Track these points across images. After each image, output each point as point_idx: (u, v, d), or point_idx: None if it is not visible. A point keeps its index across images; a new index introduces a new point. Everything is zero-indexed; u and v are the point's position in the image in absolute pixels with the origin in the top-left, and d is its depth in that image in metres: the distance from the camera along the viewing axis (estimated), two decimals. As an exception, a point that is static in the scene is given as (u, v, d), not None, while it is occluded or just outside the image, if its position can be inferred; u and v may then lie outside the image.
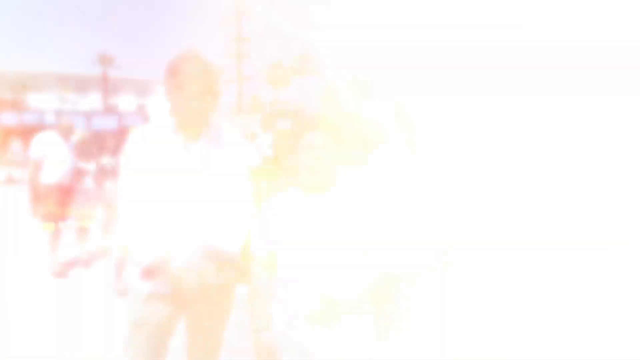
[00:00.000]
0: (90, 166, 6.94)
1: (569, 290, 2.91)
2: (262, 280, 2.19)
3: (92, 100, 56.65)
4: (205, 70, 2.24)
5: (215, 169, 2.32)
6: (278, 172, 5.52)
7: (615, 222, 3.12)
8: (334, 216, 2.06)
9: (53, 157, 6.29)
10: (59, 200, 6.38)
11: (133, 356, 2.35)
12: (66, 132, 6.46)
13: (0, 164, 18.60)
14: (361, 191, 2.19)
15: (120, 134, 7.70)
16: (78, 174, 6.61)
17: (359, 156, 2.45)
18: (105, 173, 7.39)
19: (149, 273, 2.23)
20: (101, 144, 7.24)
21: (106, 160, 7.43)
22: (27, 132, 26.29)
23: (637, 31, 3.29)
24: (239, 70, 36.25)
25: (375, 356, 2.08)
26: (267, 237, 2.16)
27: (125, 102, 60.79)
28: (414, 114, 2.72)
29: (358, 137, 2.74)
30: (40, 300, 5.41)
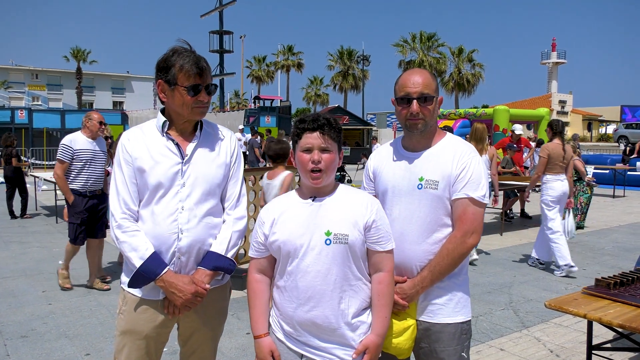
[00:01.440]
0: None
1: None
2: (259, 285, 2.13)
3: (66, 97, 56.07)
4: (200, 65, 2.18)
5: (210, 170, 2.27)
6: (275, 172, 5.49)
7: None
8: (333, 219, 2.01)
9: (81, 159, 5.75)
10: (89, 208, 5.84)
11: None
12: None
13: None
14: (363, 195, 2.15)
15: None
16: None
17: None
18: None
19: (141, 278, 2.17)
20: None
21: None
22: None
23: None
24: (221, 65, 36.06)
25: None
26: (264, 239, 2.10)
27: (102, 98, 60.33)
28: None
29: None
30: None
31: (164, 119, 2.26)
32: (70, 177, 5.75)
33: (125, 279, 2.27)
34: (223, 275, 2.34)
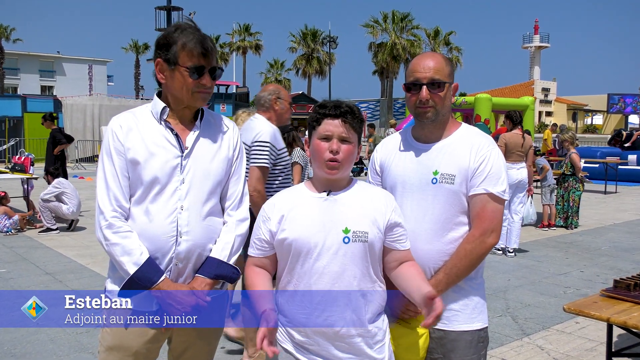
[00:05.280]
0: None
1: None
2: (258, 274, 2.12)
3: (-14, 81, 54.25)
4: (205, 45, 2.15)
5: (212, 165, 2.25)
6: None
7: None
8: (351, 216, 2.04)
9: None
10: None
11: None
12: None
13: None
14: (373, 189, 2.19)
15: None
16: None
17: None
18: None
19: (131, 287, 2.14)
20: None
21: None
22: None
23: None
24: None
25: None
26: (269, 237, 2.10)
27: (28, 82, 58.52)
28: None
29: None
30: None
31: (163, 104, 2.23)
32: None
33: (112, 286, 2.23)
34: (223, 283, 2.33)
